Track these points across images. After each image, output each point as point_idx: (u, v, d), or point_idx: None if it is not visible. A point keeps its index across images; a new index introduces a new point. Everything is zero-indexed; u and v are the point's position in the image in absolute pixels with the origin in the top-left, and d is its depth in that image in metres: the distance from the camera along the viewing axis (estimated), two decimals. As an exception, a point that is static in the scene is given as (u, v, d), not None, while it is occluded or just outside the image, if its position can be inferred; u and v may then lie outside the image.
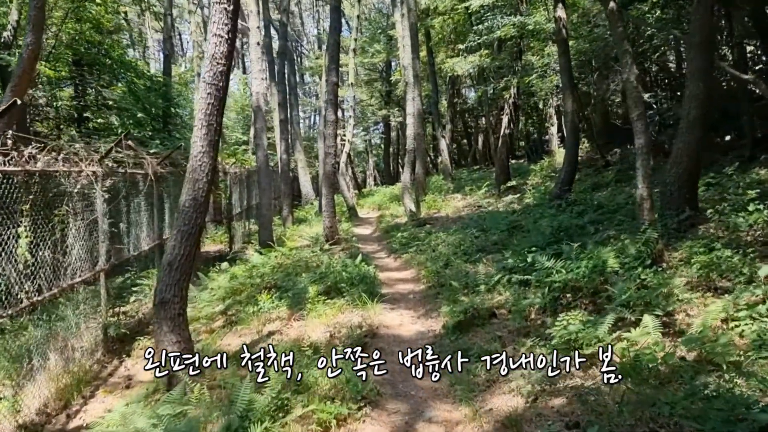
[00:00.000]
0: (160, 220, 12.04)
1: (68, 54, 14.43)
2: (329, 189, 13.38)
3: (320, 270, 9.34)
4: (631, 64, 6.13)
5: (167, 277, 5.98)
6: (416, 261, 10.16)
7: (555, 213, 10.25)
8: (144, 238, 10.68)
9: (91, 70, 16.24)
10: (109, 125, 14.07)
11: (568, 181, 11.38)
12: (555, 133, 22.65)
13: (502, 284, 6.84)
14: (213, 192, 17.84)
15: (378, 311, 7.39)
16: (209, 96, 6.11)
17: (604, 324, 4.43)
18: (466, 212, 15.37)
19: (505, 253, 8.88)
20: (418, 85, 17.39)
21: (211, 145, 6.14)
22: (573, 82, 11.81)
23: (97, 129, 14.38)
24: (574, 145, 11.35)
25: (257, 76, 15.81)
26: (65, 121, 15.93)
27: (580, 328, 4.55)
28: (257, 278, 10.97)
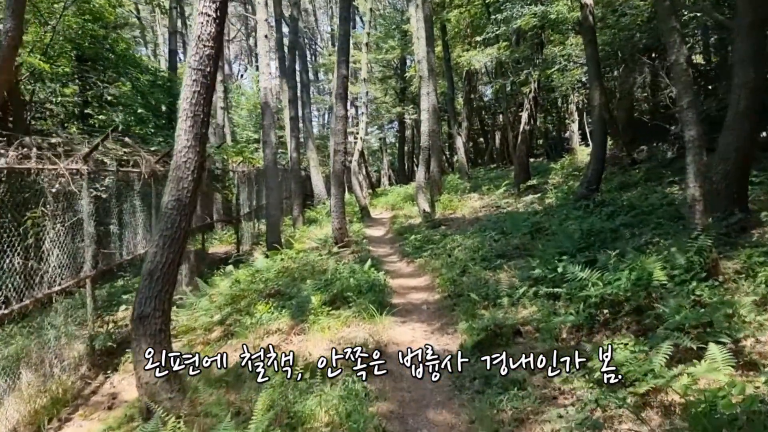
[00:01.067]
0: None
1: (68, 48, 13.86)
2: (339, 189, 12.64)
3: (326, 276, 8.60)
4: (680, 44, 5.29)
5: (147, 288, 5.28)
6: (430, 267, 9.37)
7: (582, 215, 9.39)
8: (140, 241, 10.03)
9: (95, 65, 15.71)
10: (111, 122, 13.49)
11: (595, 180, 10.51)
12: (576, 130, 21.70)
13: (528, 297, 6.03)
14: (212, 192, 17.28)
15: (387, 324, 6.63)
16: (195, 83, 5.39)
17: (659, 354, 3.61)
18: (484, 213, 14.54)
19: (529, 259, 8.07)
20: (433, 79, 16.58)
21: (197, 138, 5.43)
22: (600, 73, 10.93)
23: (100, 126, 13.78)
24: (602, 141, 10.47)
25: (265, 70, 15.17)
26: (69, 119, 15.41)
27: (629, 357, 3.74)
28: (260, 283, 10.31)
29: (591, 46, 10.61)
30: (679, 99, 5.43)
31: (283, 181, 23.80)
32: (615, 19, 13.65)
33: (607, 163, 17.03)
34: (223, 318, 8.51)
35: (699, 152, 5.28)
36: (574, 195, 11.40)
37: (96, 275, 7.75)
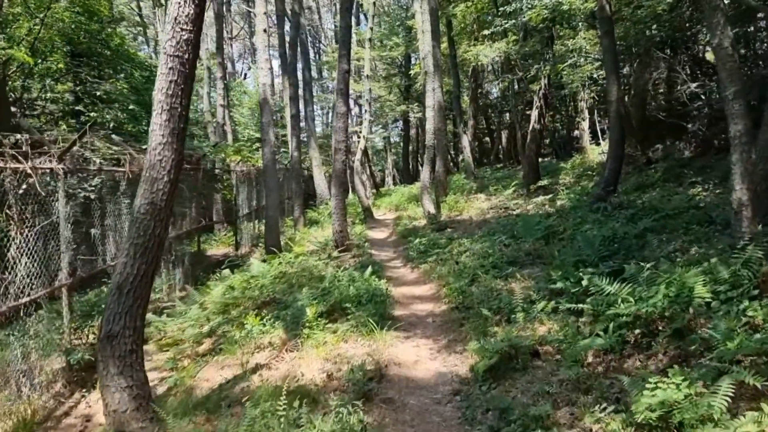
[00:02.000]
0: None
1: (59, 42, 13.29)
2: (339, 189, 12.01)
3: (323, 285, 7.97)
4: (723, 25, 4.63)
5: (116, 304, 4.67)
6: (436, 273, 8.72)
7: (600, 218, 8.72)
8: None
9: (89, 61, 15.14)
10: (103, 120, 12.93)
11: (612, 181, 9.83)
12: (586, 128, 20.96)
13: (545, 311, 5.37)
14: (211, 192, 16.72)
15: (389, 341, 5.99)
16: (171, 72, 4.77)
17: (718, 395, 2.96)
18: (492, 215, 13.87)
19: (543, 266, 7.42)
20: (439, 75, 15.92)
21: (175, 135, 4.81)
22: (618, 66, 10.24)
23: (92, 124, 13.17)
24: (620, 138, 9.79)
25: (264, 66, 14.59)
26: (64, 116, 14.86)
27: (676, 396, 3.09)
28: (255, 290, 9.71)
29: (607, 38, 9.93)
30: (723, 88, 4.77)
31: (285, 181, 23.23)
32: (630, 11, 12.95)
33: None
34: (213, 329, 7.91)
35: (746, 149, 4.63)
36: (589, 196, 10.72)
37: (74, 284, 7.15)
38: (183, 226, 12.58)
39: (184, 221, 12.69)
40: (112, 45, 15.07)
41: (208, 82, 23.04)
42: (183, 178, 12.99)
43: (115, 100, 13.42)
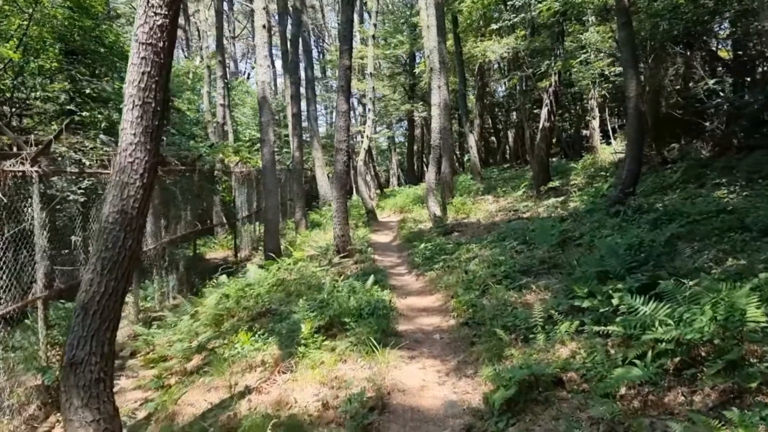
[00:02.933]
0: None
1: (49, 39, 12.76)
2: (341, 191, 11.43)
3: (321, 296, 7.38)
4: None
5: (80, 326, 4.11)
6: (443, 283, 8.12)
7: (620, 223, 8.10)
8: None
9: (83, 59, 14.63)
10: (95, 119, 12.40)
11: (630, 183, 9.21)
12: (597, 127, 20.30)
13: (568, 331, 4.77)
14: (210, 194, 16.19)
15: (392, 362, 5.40)
16: (144, 62, 4.20)
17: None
18: (501, 218, 13.26)
19: (560, 276, 6.82)
20: (444, 72, 15.31)
21: (148, 133, 4.24)
22: (636, 60, 9.60)
23: (84, 123, 12.65)
24: (638, 137, 9.15)
25: (263, 63, 13.98)
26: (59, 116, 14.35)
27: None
28: (251, 300, 9.17)
29: (625, 29, 9.30)
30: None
31: (287, 182, 22.69)
32: (646, 3, 12.32)
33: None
34: (203, 344, 7.34)
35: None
36: (604, 199, 10.10)
37: (51, 295, 6.60)
38: (178, 230, 12.04)
39: (179, 225, 12.16)
40: (106, 42, 14.54)
41: (208, 81, 22.48)
42: (178, 179, 12.50)
43: (108, 99, 12.87)
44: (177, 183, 11.91)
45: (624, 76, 9.40)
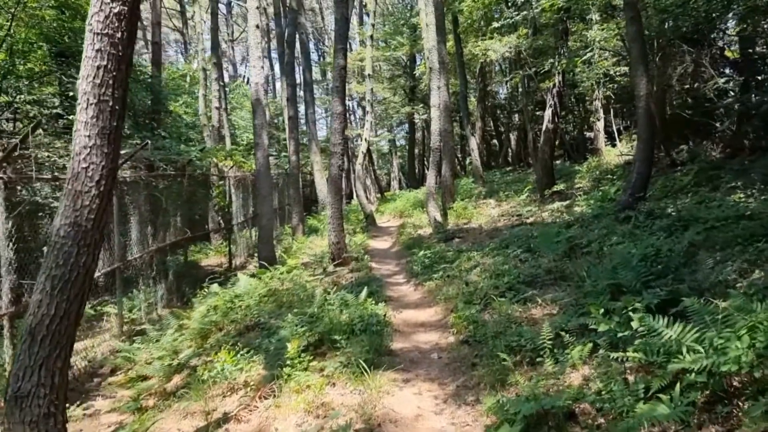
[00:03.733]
0: (122, 237, 9.81)
1: (34, 38, 12.33)
2: (335, 196, 10.94)
3: (311, 310, 6.88)
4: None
5: (27, 355, 3.63)
6: (443, 294, 7.60)
7: (631, 230, 7.57)
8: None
9: (74, 61, 14.22)
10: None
11: (640, 186, 8.69)
12: (601, 128, 19.79)
13: (580, 354, 4.26)
14: (204, 200, 15.71)
15: (385, 385, 4.90)
16: (99, 55, 3.73)
17: None
18: (503, 223, 12.76)
19: (568, 289, 6.31)
20: (444, 73, 14.82)
21: (105, 135, 3.76)
22: (646, 57, 9.11)
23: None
24: (649, 138, 8.64)
25: (256, 64, 13.51)
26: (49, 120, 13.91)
27: None
28: (239, 312, 8.68)
29: (634, 24, 8.80)
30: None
31: (285, 187, 22.21)
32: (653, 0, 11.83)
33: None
34: (185, 362, 6.85)
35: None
36: (612, 204, 9.58)
37: (18, 311, 6.12)
38: (167, 238, 11.57)
39: (168, 232, 11.68)
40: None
41: (204, 84, 22.04)
42: (167, 185, 12.03)
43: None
44: (166, 189, 11.44)
45: (633, 74, 8.91)
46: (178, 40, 45.22)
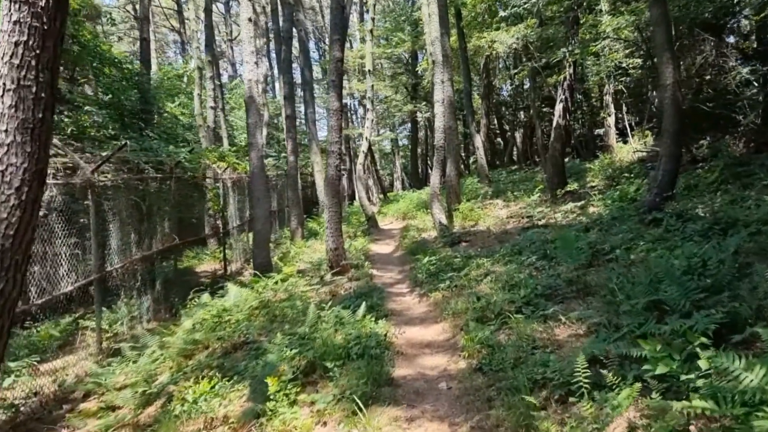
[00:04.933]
0: (101, 248, 9.05)
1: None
2: (333, 199, 10.16)
3: (302, 329, 6.09)
4: None
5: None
6: (451, 308, 6.79)
7: (662, 234, 6.76)
8: (67, 273, 7.64)
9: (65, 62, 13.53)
10: (63, 124, 11.20)
11: (668, 184, 7.87)
12: (612, 124, 18.97)
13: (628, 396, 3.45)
14: (198, 204, 14.95)
15: (384, 427, 4.11)
16: (18, 28, 2.96)
17: None
18: (513, 225, 11.95)
19: (594, 303, 5.50)
20: (448, 66, 14.01)
21: (27, 130, 3.00)
22: (672, 42, 8.28)
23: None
24: (677, 131, 7.79)
25: (249, 59, 12.74)
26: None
27: None
28: (227, 327, 7.92)
29: (658, 6, 7.98)
30: None
31: (284, 188, 21.45)
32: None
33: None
34: (161, 388, 6.08)
35: None
36: (636, 204, 8.75)
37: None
38: (153, 245, 10.79)
39: (155, 239, 10.91)
40: (82, 41, 13.34)
41: (199, 83, 21.28)
42: (155, 188, 11.27)
43: (73, 100, 11.67)
44: (152, 193, 10.69)
45: (658, 61, 8.10)
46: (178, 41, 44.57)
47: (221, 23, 43.37)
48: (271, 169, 24.81)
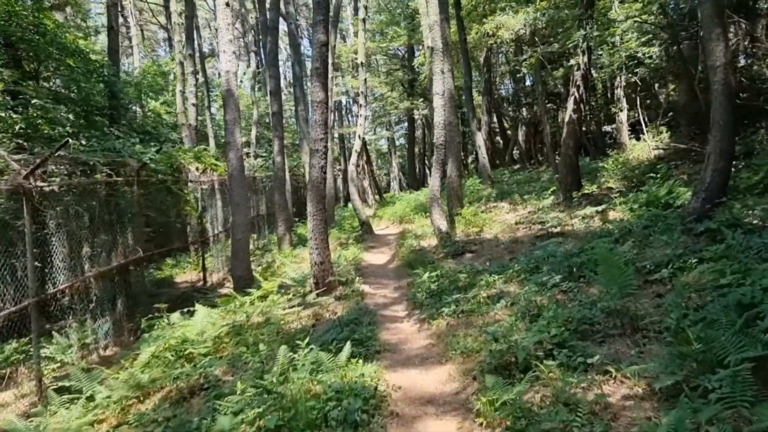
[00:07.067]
0: (44, 264, 7.71)
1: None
2: (317, 206, 8.78)
3: (269, 380, 4.70)
4: None
5: None
6: (458, 345, 5.40)
7: (725, 252, 5.38)
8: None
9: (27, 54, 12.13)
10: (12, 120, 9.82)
11: (719, 187, 6.51)
12: (625, 120, 17.63)
13: None
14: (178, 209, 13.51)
15: None
16: None
17: None
18: (524, 233, 10.59)
19: (654, 344, 4.14)
20: (449, 55, 12.62)
21: None
22: (723, 15, 6.92)
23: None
24: (729, 122, 6.42)
25: (227, 49, 11.41)
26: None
27: None
28: (185, 364, 6.56)
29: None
30: None
31: (273, 191, 20.10)
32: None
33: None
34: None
35: None
36: (675, 210, 7.37)
37: None
38: (112, 260, 9.40)
39: (115, 252, 9.51)
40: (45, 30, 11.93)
41: (181, 79, 19.87)
42: (113, 193, 9.90)
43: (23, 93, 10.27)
44: (110, 199, 9.31)
45: (705, 38, 6.75)
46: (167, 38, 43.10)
47: (212, 20, 41.89)
48: (259, 170, 23.42)
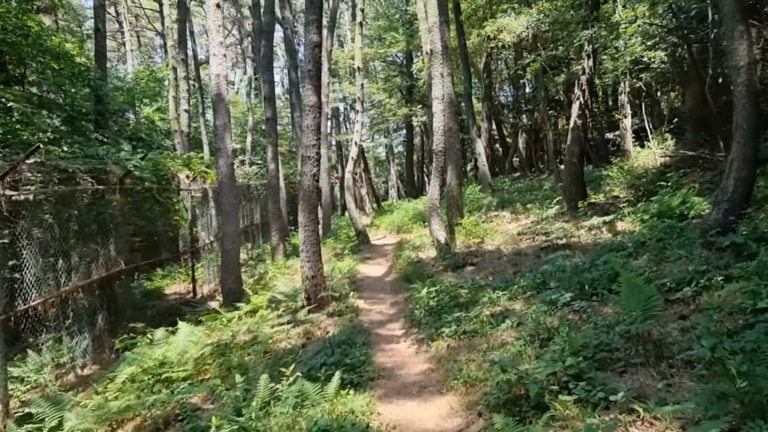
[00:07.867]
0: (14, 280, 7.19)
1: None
2: (309, 216, 8.27)
3: (246, 414, 4.16)
4: None
5: None
6: (461, 373, 4.86)
7: (755, 269, 4.85)
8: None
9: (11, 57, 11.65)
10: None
11: (742, 197, 6.00)
12: (629, 127, 17.18)
13: None
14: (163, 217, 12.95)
15: None
16: None
17: None
18: (527, 244, 10.07)
19: (671, 374, 3.62)
20: (448, 59, 12.15)
21: None
22: (746, 12, 6.43)
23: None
24: (753, 127, 5.89)
25: (217, 52, 10.99)
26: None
27: None
28: (162, 390, 6.01)
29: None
30: None
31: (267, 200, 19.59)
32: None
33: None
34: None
35: None
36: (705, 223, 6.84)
37: None
38: (92, 273, 8.86)
39: (95, 264, 8.96)
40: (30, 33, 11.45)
41: (174, 85, 19.41)
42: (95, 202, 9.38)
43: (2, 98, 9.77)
44: (89, 209, 8.80)
45: (727, 36, 6.27)
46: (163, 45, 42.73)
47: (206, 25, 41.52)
48: (254, 178, 22.92)
